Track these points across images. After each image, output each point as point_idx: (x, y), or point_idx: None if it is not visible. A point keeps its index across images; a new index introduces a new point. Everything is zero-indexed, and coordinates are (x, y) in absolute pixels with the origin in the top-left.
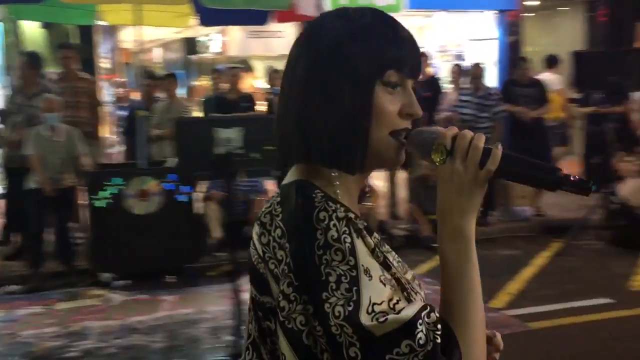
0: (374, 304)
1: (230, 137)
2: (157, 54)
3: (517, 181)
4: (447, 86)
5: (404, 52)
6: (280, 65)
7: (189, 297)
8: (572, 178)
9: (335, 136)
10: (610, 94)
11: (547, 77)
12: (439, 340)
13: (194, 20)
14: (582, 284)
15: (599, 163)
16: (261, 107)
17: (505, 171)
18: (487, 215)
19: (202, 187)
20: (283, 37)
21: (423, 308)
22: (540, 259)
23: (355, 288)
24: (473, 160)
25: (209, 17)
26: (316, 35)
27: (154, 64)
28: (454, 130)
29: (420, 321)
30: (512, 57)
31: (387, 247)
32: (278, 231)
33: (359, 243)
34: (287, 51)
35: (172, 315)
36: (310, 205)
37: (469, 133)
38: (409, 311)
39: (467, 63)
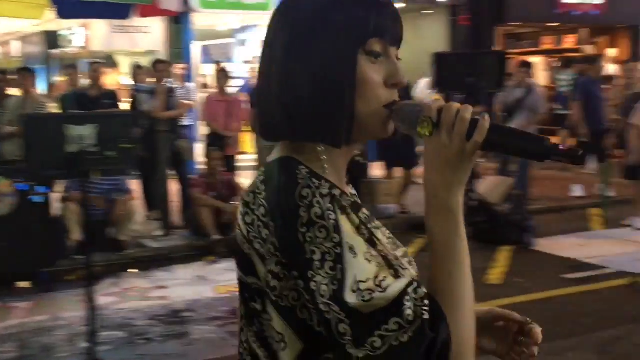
0: (359, 281)
1: (83, 134)
2: (16, 48)
3: (505, 152)
4: None
5: (386, 20)
6: (146, 62)
7: (44, 304)
8: (561, 147)
9: (319, 109)
10: (469, 94)
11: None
12: (426, 316)
13: (51, 13)
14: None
15: None
16: (125, 104)
17: (493, 143)
18: None
19: (60, 187)
20: (149, 32)
21: (409, 284)
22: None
23: (339, 266)
24: (459, 132)
25: (67, 10)
26: (294, 6)
27: (12, 58)
28: (439, 102)
29: (407, 297)
30: None
31: (376, 223)
32: (262, 210)
33: (343, 220)
34: (153, 47)
35: (24, 323)
36: (293, 182)
37: (455, 105)
38: (394, 288)
39: None
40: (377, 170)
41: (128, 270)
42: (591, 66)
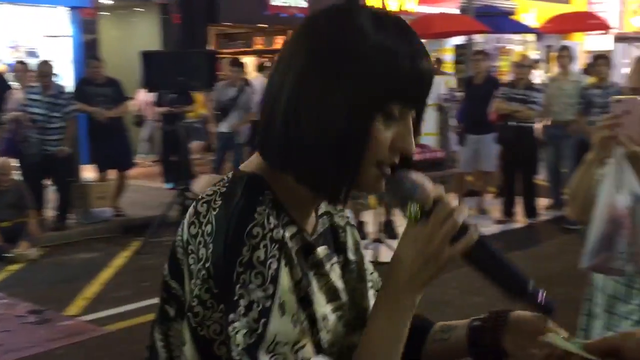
0: (277, 343)
1: None
2: None
3: (481, 273)
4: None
5: (421, 90)
6: None
7: None
8: (539, 296)
9: (323, 161)
10: (180, 94)
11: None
12: None
13: None
14: (158, 281)
15: (176, 161)
16: None
17: (475, 259)
18: (64, 218)
19: None
20: None
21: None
22: (120, 260)
23: (263, 320)
24: (445, 234)
25: None
26: (317, 31)
27: None
28: (438, 191)
29: None
30: (88, 55)
31: (328, 267)
32: (209, 227)
33: (284, 273)
34: None
35: None
36: (249, 215)
37: (452, 202)
38: (307, 355)
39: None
40: (89, 172)
41: None
42: None
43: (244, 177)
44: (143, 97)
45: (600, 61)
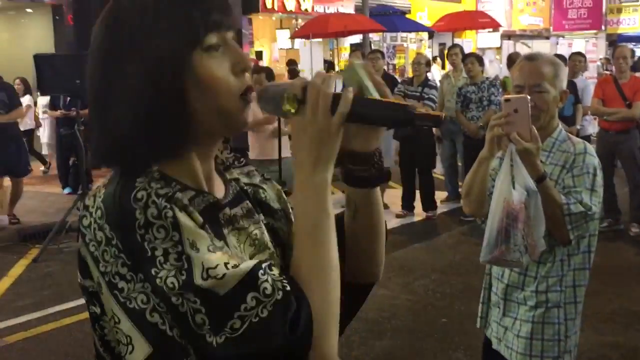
0: (209, 268)
1: None
2: None
3: (371, 123)
4: None
5: (214, 12)
6: None
7: None
8: (422, 111)
9: (141, 132)
10: (75, 97)
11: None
12: (288, 288)
13: None
14: (59, 288)
15: (74, 165)
16: None
17: (358, 114)
18: None
19: None
20: None
21: (263, 261)
22: (17, 268)
23: (184, 256)
24: (323, 108)
25: None
26: (114, 18)
27: None
28: (302, 79)
29: (262, 271)
30: None
31: (244, 223)
32: (98, 212)
33: (182, 216)
34: None
35: None
36: (131, 185)
37: (318, 80)
38: (248, 264)
39: None
40: None
41: None
42: None
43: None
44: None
45: (469, 60)
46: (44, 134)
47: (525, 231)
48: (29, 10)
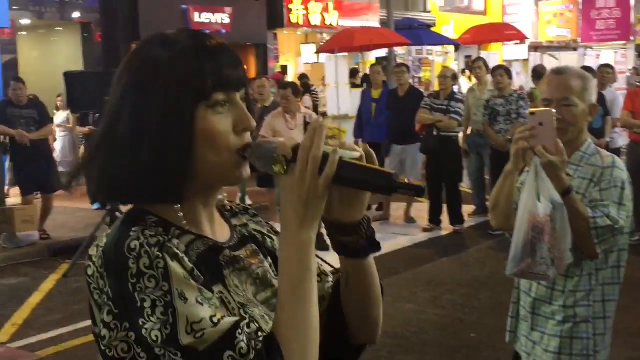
0: (193, 322)
1: None
2: None
3: (354, 187)
4: None
5: (224, 69)
6: None
7: None
8: (406, 181)
9: (158, 172)
10: (104, 114)
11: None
12: (260, 347)
13: None
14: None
15: None
16: None
17: (343, 177)
18: None
19: None
20: None
21: (242, 319)
22: (48, 284)
23: (171, 310)
24: (311, 170)
25: None
26: (135, 67)
27: None
28: (293, 141)
29: (239, 330)
30: (7, 76)
31: (245, 263)
32: (99, 261)
33: (174, 266)
34: None
35: None
36: (125, 234)
37: (308, 142)
38: (226, 322)
39: None
40: (14, 196)
41: None
42: None
43: (128, 211)
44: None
45: (498, 72)
46: (58, 149)
47: (552, 244)
48: (58, 28)
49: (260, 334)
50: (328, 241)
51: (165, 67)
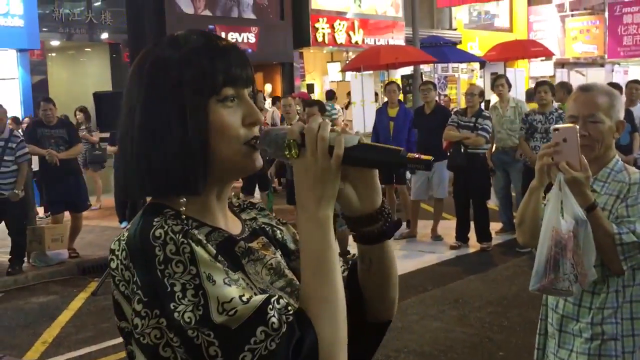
0: (224, 302)
1: None
2: None
3: (366, 165)
4: None
5: (234, 67)
6: None
7: None
8: (416, 155)
9: (177, 164)
10: None
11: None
12: (292, 319)
13: None
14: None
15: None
16: None
17: (354, 157)
18: (20, 262)
19: None
20: None
21: (271, 295)
22: (78, 302)
23: (201, 292)
24: (322, 150)
25: None
26: (147, 67)
27: None
28: (300, 124)
29: (270, 306)
30: (37, 97)
31: (259, 254)
32: (123, 253)
33: (199, 251)
34: None
35: None
36: (149, 224)
37: (314, 125)
38: (257, 299)
39: None
40: (43, 215)
41: None
42: None
43: (144, 207)
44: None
45: (542, 87)
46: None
47: (575, 260)
48: (87, 49)
49: (290, 308)
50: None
51: (177, 65)
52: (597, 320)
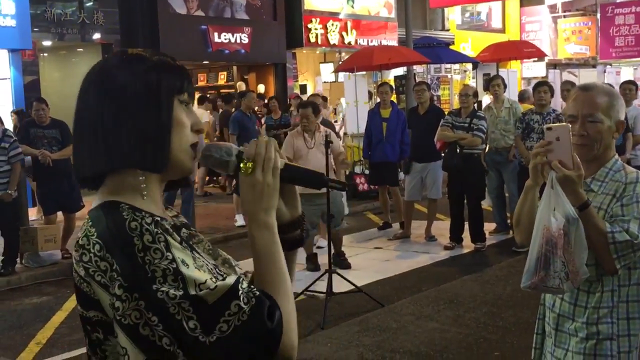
0: (200, 284)
1: None
2: None
3: (297, 183)
4: None
5: (189, 82)
6: None
7: None
8: (334, 179)
9: (142, 143)
10: None
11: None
12: (258, 294)
13: None
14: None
15: None
16: None
17: (289, 177)
18: (13, 263)
19: None
20: None
21: (238, 277)
22: (71, 302)
23: (180, 276)
24: (268, 169)
25: None
26: (110, 78)
27: None
28: (252, 145)
29: (239, 285)
30: (30, 97)
31: (198, 238)
32: (97, 247)
33: (171, 240)
34: None
35: None
36: (120, 218)
37: (261, 145)
38: (231, 278)
39: None
40: (36, 215)
41: None
42: (242, 100)
43: (98, 207)
44: None
45: (541, 87)
46: None
47: (566, 258)
48: (79, 49)
49: (252, 286)
50: (348, 260)
51: (149, 75)
52: (593, 319)
